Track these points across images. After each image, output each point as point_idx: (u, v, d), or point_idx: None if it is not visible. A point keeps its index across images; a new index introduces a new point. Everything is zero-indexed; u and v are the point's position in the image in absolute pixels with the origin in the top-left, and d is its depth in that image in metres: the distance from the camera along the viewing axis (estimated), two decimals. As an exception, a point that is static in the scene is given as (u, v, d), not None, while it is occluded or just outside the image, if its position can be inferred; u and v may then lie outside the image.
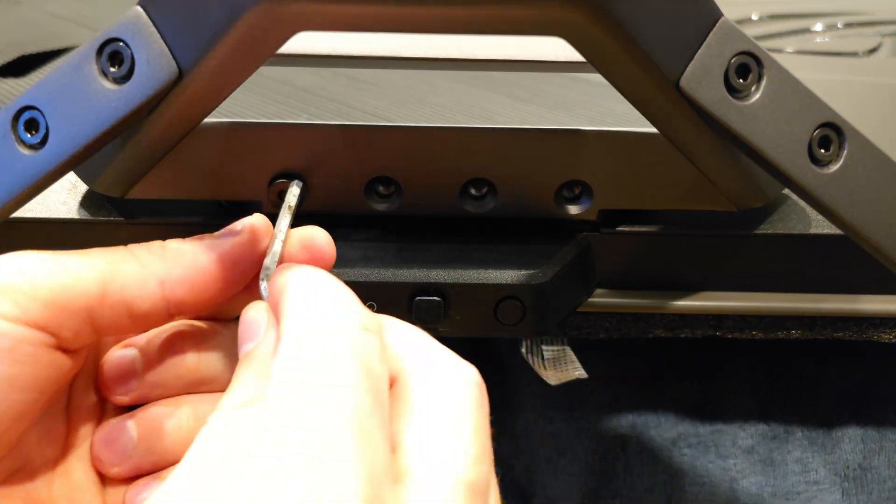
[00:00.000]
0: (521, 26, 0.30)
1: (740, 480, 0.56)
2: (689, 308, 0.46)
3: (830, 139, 0.35)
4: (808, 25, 0.72)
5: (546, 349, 0.47)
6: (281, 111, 0.48)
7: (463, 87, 0.56)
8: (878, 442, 0.55)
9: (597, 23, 0.30)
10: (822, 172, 0.35)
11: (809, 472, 0.55)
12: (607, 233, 0.44)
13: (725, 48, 0.33)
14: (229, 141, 0.41)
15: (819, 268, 0.45)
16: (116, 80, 0.33)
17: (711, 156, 0.37)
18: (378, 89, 0.50)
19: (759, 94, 0.33)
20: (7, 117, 0.34)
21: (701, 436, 0.57)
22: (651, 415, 0.58)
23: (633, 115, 0.39)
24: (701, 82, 0.33)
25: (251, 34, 0.30)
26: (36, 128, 0.34)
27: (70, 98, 0.33)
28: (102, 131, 0.33)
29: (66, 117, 0.33)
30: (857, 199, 0.35)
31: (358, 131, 0.41)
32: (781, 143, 0.34)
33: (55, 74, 0.33)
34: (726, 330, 0.47)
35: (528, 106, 0.53)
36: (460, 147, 0.41)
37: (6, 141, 0.34)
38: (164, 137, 0.36)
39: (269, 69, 0.52)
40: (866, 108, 0.55)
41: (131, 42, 0.32)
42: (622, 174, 0.42)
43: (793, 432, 0.56)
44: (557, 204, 0.43)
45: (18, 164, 0.34)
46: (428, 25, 0.29)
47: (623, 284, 0.46)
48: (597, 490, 0.59)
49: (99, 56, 0.33)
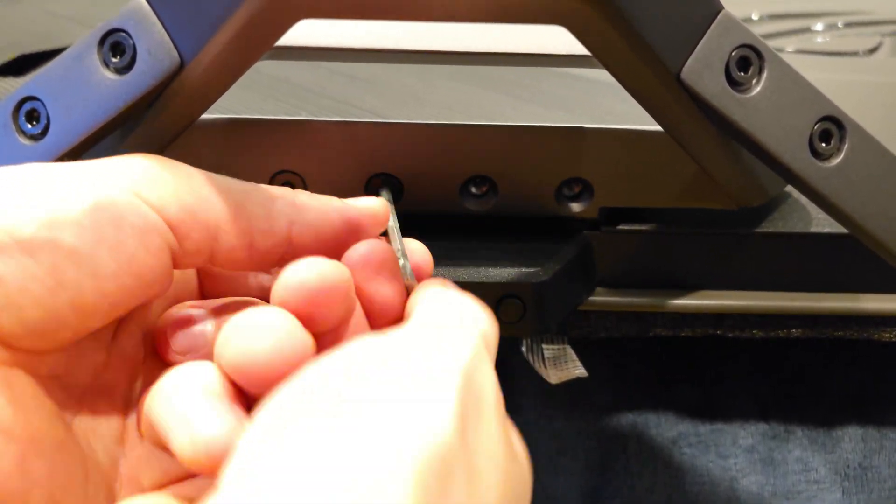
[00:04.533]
0: (524, 15, 0.30)
1: (741, 480, 0.56)
2: (689, 307, 0.46)
3: (831, 133, 0.35)
4: (809, 25, 0.73)
5: (546, 348, 0.47)
6: (280, 108, 0.49)
7: (463, 85, 0.56)
8: (878, 441, 0.55)
9: (599, 12, 0.30)
10: (823, 166, 0.35)
11: (810, 471, 0.55)
12: (608, 231, 0.44)
13: (726, 41, 0.33)
14: (229, 137, 0.41)
15: (820, 266, 0.45)
16: (118, 71, 0.33)
17: (712, 151, 0.37)
18: (378, 87, 0.50)
19: (760, 87, 0.34)
20: (8, 108, 0.34)
21: (701, 435, 0.57)
22: (651, 414, 0.58)
23: (634, 113, 0.39)
24: (702, 74, 0.33)
25: (253, 23, 0.30)
26: (37, 118, 0.34)
27: (71, 88, 0.33)
28: (104, 122, 0.33)
29: (67, 108, 0.33)
30: (857, 193, 0.35)
31: (358, 129, 0.41)
32: (782, 137, 0.34)
33: (56, 65, 0.33)
34: (727, 329, 0.47)
35: (529, 104, 0.53)
36: (461, 144, 0.41)
37: (7, 131, 0.34)
38: (164, 130, 0.36)
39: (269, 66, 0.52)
40: (866, 108, 0.55)
41: (133, 32, 0.32)
42: (623, 172, 0.42)
43: (793, 431, 0.56)
44: (558, 202, 0.43)
45: (19, 155, 0.34)
46: (431, 13, 0.29)
47: (624, 283, 0.46)
48: (597, 489, 0.58)
49: (101, 46, 0.33)
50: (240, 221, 0.28)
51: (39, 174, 0.27)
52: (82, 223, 0.25)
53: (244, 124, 0.41)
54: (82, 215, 0.26)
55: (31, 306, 0.25)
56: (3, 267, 0.24)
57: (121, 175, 0.27)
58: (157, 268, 0.27)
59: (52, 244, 0.25)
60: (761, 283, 0.46)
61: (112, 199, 0.26)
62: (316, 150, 0.41)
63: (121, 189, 0.27)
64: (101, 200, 0.26)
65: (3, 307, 0.24)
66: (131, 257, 0.26)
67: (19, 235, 0.25)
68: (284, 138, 0.41)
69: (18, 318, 0.25)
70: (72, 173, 0.27)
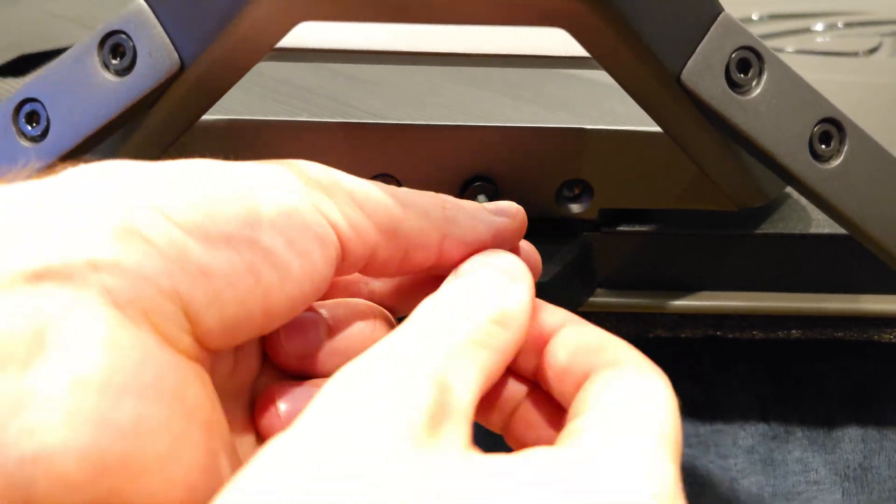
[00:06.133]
0: (524, 17, 0.30)
1: (741, 480, 0.56)
2: (689, 308, 0.46)
3: (831, 135, 0.35)
4: (809, 25, 0.73)
5: (546, 348, 0.47)
6: (281, 110, 0.49)
7: (463, 87, 0.56)
8: (878, 442, 0.55)
9: (599, 14, 0.30)
10: (823, 168, 0.35)
11: (810, 471, 0.55)
12: (608, 232, 0.44)
13: (726, 43, 0.33)
14: (230, 139, 0.41)
15: (820, 267, 0.45)
16: (118, 73, 0.33)
17: (712, 152, 0.37)
18: (378, 88, 0.50)
19: (760, 89, 0.34)
20: (8, 109, 0.34)
21: (701, 435, 0.57)
22: (651, 415, 0.58)
23: (634, 115, 0.39)
24: (702, 76, 0.33)
25: (254, 25, 0.30)
26: (37, 120, 0.34)
27: (71, 90, 0.33)
28: (103, 124, 0.33)
29: (67, 109, 0.33)
30: (857, 195, 0.35)
31: (358, 130, 0.41)
32: (782, 138, 0.34)
33: (56, 67, 0.33)
34: (727, 330, 0.47)
35: (530, 105, 0.53)
36: (461, 145, 0.41)
37: (7, 133, 0.34)
38: (165, 132, 0.36)
39: (270, 67, 0.52)
40: (866, 108, 0.55)
41: (133, 34, 0.32)
42: (623, 173, 0.42)
43: (793, 432, 0.56)
44: (558, 203, 0.43)
45: (19, 157, 0.34)
46: (431, 15, 0.29)
47: (624, 284, 0.46)
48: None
49: (101, 48, 0.33)
50: (398, 239, 0.28)
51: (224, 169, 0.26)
52: (276, 226, 0.25)
53: (245, 126, 0.41)
54: (276, 218, 0.25)
55: (233, 304, 0.24)
56: (211, 258, 0.24)
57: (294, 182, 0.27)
58: (328, 277, 0.27)
59: (252, 242, 0.24)
60: (761, 284, 0.46)
61: (297, 207, 0.26)
62: (316, 151, 0.41)
63: (300, 197, 0.26)
64: (289, 206, 0.26)
65: (210, 303, 0.24)
66: (314, 265, 0.26)
67: (225, 229, 0.24)
68: (285, 139, 0.41)
69: (220, 315, 0.24)
70: (248, 174, 0.26)
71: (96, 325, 0.21)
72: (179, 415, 0.22)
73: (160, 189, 0.24)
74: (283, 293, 0.25)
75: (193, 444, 0.23)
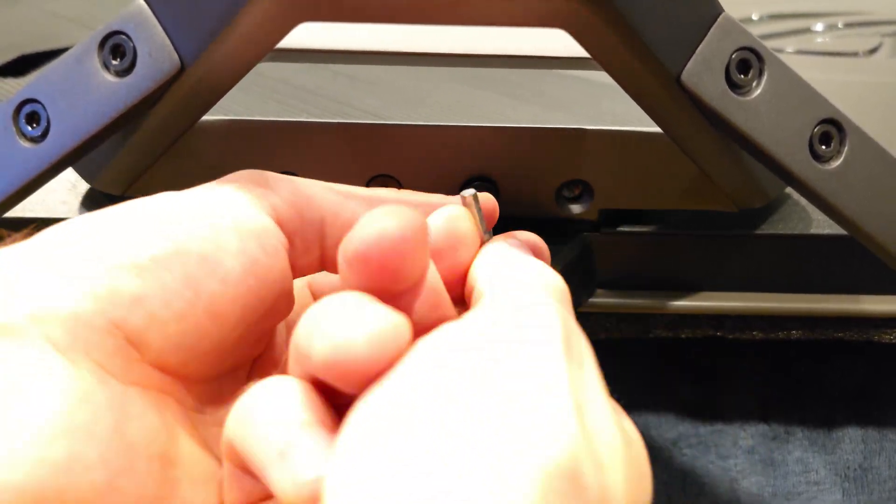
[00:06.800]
0: (525, 18, 0.30)
1: (741, 480, 0.56)
2: (689, 308, 0.46)
3: (831, 135, 0.35)
4: (809, 25, 0.73)
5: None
6: (281, 110, 0.49)
7: (464, 87, 0.56)
8: (878, 442, 0.55)
9: (599, 15, 0.30)
10: (823, 168, 0.35)
11: (810, 472, 0.55)
12: (608, 233, 0.44)
13: (726, 43, 0.33)
14: (230, 139, 0.41)
15: (820, 268, 0.45)
16: (118, 73, 0.33)
17: (712, 153, 0.37)
18: (378, 88, 0.50)
19: (760, 90, 0.34)
20: (8, 110, 0.34)
21: (701, 436, 0.57)
22: (651, 415, 0.58)
23: (634, 115, 0.39)
24: (702, 77, 0.33)
25: (254, 25, 0.30)
26: (37, 121, 0.34)
27: (71, 91, 0.33)
28: (104, 124, 0.33)
29: (67, 110, 0.33)
30: (857, 196, 0.35)
31: (358, 130, 0.41)
32: (782, 139, 0.34)
33: (57, 67, 0.33)
34: (727, 330, 0.47)
35: (530, 106, 0.53)
36: (460, 146, 0.41)
37: (7, 134, 0.34)
38: (165, 132, 0.36)
39: (270, 67, 0.52)
40: (866, 108, 0.55)
41: (133, 35, 0.32)
42: (623, 174, 0.42)
43: (793, 432, 0.56)
44: (558, 203, 0.43)
45: (19, 157, 0.34)
46: (432, 16, 0.29)
47: (624, 284, 0.46)
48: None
49: (101, 49, 0.33)
50: (343, 216, 0.30)
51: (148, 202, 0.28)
52: (204, 234, 0.27)
53: (245, 126, 0.41)
54: (203, 226, 0.27)
55: (174, 320, 0.25)
56: (143, 285, 0.25)
57: (226, 188, 0.29)
58: (276, 268, 0.28)
59: (183, 255, 0.26)
60: (761, 284, 0.46)
61: (226, 209, 0.28)
62: (317, 151, 0.41)
63: (230, 199, 0.28)
64: (217, 210, 0.27)
65: (148, 326, 0.25)
66: (253, 259, 0.27)
67: (152, 252, 0.26)
68: (285, 140, 0.41)
69: (163, 334, 0.25)
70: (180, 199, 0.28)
71: (35, 374, 0.23)
72: (117, 450, 0.24)
73: (92, 240, 0.26)
74: (227, 296, 0.27)
75: (138, 476, 0.24)
